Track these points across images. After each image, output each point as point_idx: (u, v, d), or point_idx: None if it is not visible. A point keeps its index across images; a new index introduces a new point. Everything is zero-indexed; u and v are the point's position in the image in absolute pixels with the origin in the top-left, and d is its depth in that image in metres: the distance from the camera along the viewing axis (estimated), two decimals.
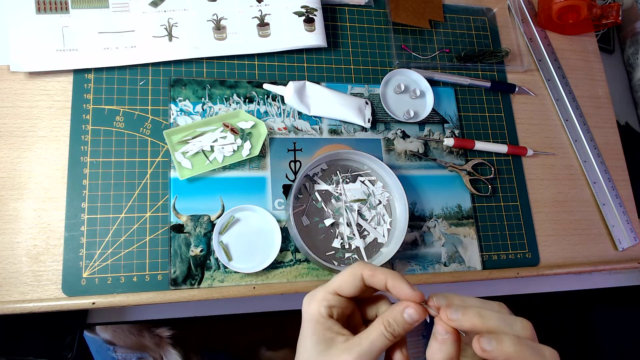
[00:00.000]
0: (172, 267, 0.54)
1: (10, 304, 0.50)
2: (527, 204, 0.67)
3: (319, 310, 0.35)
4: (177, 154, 0.57)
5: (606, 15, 0.73)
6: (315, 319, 0.34)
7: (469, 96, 0.70)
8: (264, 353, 1.01)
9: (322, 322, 0.34)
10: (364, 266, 0.35)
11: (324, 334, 0.34)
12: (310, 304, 0.35)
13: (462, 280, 0.60)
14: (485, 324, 0.31)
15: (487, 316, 0.31)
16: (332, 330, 0.34)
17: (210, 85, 0.61)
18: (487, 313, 0.31)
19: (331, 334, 0.34)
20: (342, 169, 0.61)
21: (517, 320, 0.31)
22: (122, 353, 0.88)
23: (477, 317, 0.31)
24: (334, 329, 0.34)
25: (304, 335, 0.35)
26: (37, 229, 0.53)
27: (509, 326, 0.31)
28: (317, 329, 0.34)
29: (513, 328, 0.31)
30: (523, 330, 0.31)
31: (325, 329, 0.34)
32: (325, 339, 0.33)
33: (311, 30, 0.64)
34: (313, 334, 0.34)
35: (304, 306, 0.36)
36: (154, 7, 0.61)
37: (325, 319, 0.34)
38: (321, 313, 0.34)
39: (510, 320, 0.31)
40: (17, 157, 0.54)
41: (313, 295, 0.36)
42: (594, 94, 0.76)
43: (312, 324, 0.34)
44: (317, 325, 0.34)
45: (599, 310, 0.95)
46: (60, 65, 0.57)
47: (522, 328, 0.31)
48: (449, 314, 0.32)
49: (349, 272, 0.36)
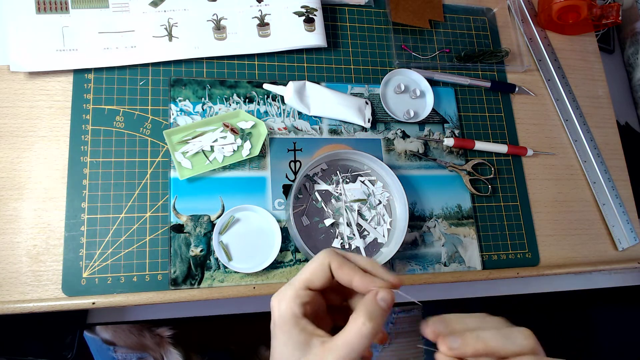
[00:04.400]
0: (172, 267, 0.54)
1: (10, 304, 0.50)
2: (527, 204, 0.67)
3: (292, 310, 0.32)
4: (177, 154, 0.57)
5: (606, 15, 0.73)
6: (288, 321, 0.32)
7: (469, 96, 0.70)
8: (264, 353, 1.01)
9: (295, 323, 0.31)
10: (331, 255, 0.33)
11: (298, 338, 0.31)
12: (281, 304, 0.32)
13: (462, 280, 0.60)
14: (487, 346, 0.30)
15: (487, 338, 0.30)
16: (307, 332, 0.31)
17: (210, 85, 0.61)
18: (486, 334, 0.30)
19: (306, 335, 0.31)
20: (342, 169, 0.61)
21: (518, 332, 0.30)
22: (122, 353, 0.88)
23: (477, 341, 0.30)
24: (308, 329, 0.31)
25: (277, 341, 0.32)
26: (37, 229, 0.53)
27: (511, 342, 0.30)
28: (292, 332, 0.31)
29: (515, 342, 0.30)
30: (525, 342, 0.30)
31: (299, 331, 0.31)
32: (300, 343, 0.31)
33: (311, 30, 0.64)
34: (288, 339, 0.31)
35: (274, 308, 0.33)
36: (154, 7, 0.61)
37: (298, 320, 0.32)
38: (295, 313, 0.32)
39: (510, 334, 0.30)
40: (17, 157, 0.54)
41: (283, 294, 0.33)
42: (594, 94, 0.76)
43: (285, 328, 0.32)
44: (291, 328, 0.31)
45: (599, 310, 0.95)
46: (60, 65, 0.57)
47: (524, 339, 0.30)
48: (450, 343, 0.30)
49: (317, 262, 0.33)
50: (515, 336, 0.30)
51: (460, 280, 0.60)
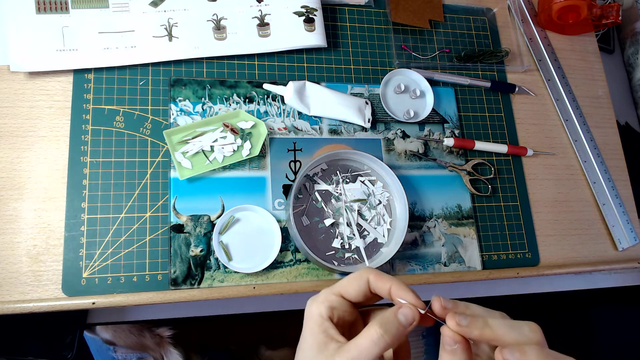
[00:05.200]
0: (172, 267, 0.54)
1: (10, 304, 0.50)
2: (527, 204, 0.67)
3: (319, 310, 0.34)
4: (177, 154, 0.57)
5: (606, 15, 0.73)
6: (314, 320, 0.34)
7: (469, 96, 0.70)
8: (264, 352, 1.01)
9: (319, 323, 0.33)
10: (370, 270, 0.35)
11: (318, 337, 0.33)
12: (312, 305, 0.35)
13: (462, 280, 0.60)
14: (494, 332, 0.30)
15: (495, 325, 0.30)
16: (327, 334, 0.33)
17: (210, 85, 0.61)
18: (494, 322, 0.31)
19: (325, 337, 0.33)
20: (342, 169, 0.61)
21: (525, 324, 0.31)
22: (122, 353, 0.88)
23: (485, 325, 0.30)
24: (330, 332, 0.33)
25: (302, 336, 0.34)
26: (37, 229, 0.53)
27: (517, 332, 0.30)
28: (314, 330, 0.33)
29: (523, 334, 0.30)
30: (532, 334, 0.30)
31: (320, 332, 0.33)
32: (319, 344, 0.33)
33: (311, 30, 0.64)
34: (310, 335, 0.33)
35: (307, 307, 0.35)
36: (154, 7, 0.61)
37: (323, 320, 0.33)
38: (321, 313, 0.34)
39: (518, 327, 0.30)
40: (17, 157, 0.54)
41: (317, 295, 0.35)
42: (594, 94, 0.76)
43: (310, 325, 0.34)
44: (314, 326, 0.33)
45: (599, 310, 0.95)
46: (60, 65, 0.57)
47: (530, 331, 0.30)
48: (459, 319, 0.31)
49: (355, 275, 0.35)
50: (523, 328, 0.30)
51: (460, 280, 0.60)
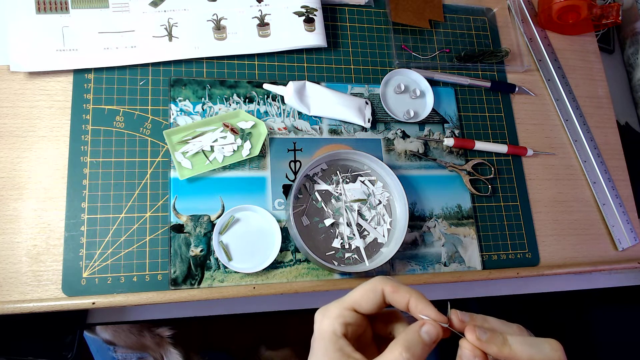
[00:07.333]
0: (172, 267, 0.54)
1: (10, 304, 0.50)
2: (527, 204, 0.67)
3: (333, 327, 0.32)
4: (177, 154, 0.57)
5: (606, 15, 0.73)
6: (327, 338, 0.31)
7: (469, 96, 0.70)
8: (264, 352, 1.01)
9: (334, 342, 0.31)
10: (385, 281, 0.33)
11: (333, 356, 0.31)
12: (324, 321, 0.32)
13: (462, 280, 0.60)
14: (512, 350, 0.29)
15: (515, 342, 0.29)
16: (343, 352, 0.31)
17: (210, 85, 0.61)
18: (513, 339, 0.30)
19: (341, 356, 0.31)
20: (342, 169, 0.61)
21: (546, 342, 0.30)
22: (122, 353, 0.88)
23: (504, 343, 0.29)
24: (346, 350, 0.31)
25: (313, 355, 0.32)
26: (37, 229, 0.53)
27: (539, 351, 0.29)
28: (328, 349, 0.31)
29: (543, 352, 0.29)
30: (553, 353, 0.29)
31: (336, 350, 0.31)
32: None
33: (311, 30, 0.64)
34: (324, 355, 0.31)
35: (316, 322, 0.33)
36: (154, 7, 0.61)
37: (337, 338, 0.31)
38: (335, 331, 0.31)
39: (538, 345, 0.29)
40: (17, 157, 0.54)
41: (327, 310, 0.33)
42: (594, 94, 0.76)
43: (323, 343, 0.31)
44: (329, 344, 0.31)
45: (599, 310, 0.95)
46: (60, 65, 0.57)
47: (551, 350, 0.29)
48: (479, 333, 0.30)
49: (368, 286, 0.33)
50: (543, 345, 0.29)
51: (460, 280, 0.60)
